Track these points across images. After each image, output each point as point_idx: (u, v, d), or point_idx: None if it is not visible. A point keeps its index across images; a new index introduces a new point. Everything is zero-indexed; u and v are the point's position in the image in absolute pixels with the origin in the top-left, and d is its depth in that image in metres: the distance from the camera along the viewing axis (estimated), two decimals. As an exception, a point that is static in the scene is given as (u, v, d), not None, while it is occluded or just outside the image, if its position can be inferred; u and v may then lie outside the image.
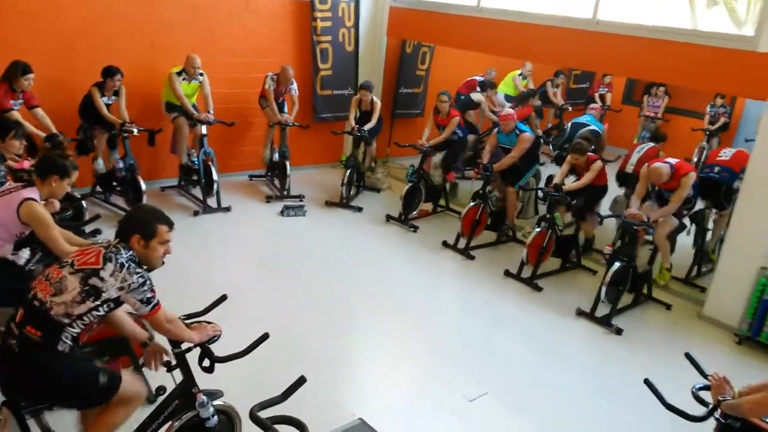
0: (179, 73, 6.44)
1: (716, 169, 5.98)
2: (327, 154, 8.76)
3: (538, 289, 5.70)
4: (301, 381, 2.34)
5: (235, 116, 7.14)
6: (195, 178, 6.75)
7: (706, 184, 5.91)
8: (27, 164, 4.24)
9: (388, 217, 7.08)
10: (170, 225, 2.60)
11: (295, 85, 7.27)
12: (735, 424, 2.66)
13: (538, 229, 5.83)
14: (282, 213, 6.87)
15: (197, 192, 6.82)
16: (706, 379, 2.82)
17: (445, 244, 6.51)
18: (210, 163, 6.60)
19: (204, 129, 6.57)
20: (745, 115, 9.97)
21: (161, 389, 3.36)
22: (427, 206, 7.43)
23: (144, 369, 3.00)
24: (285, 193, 7.30)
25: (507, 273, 5.94)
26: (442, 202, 7.57)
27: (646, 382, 2.80)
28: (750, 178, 5.14)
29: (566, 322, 5.20)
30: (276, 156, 7.42)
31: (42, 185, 3.28)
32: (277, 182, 7.54)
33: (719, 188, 5.90)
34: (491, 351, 4.62)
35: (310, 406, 3.14)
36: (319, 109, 8.26)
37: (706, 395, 2.78)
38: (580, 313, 5.27)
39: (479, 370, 4.33)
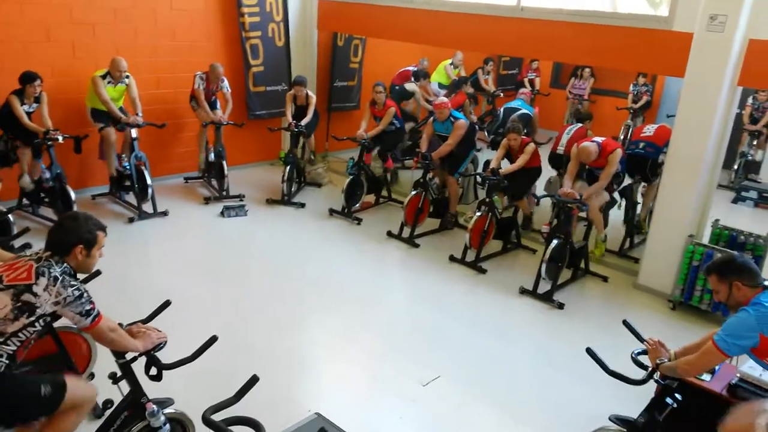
0: (103, 77, 6.19)
1: (641, 144, 6.27)
2: (265, 151, 8.64)
3: (483, 271, 5.83)
4: (253, 380, 2.31)
5: (165, 118, 6.93)
6: (128, 183, 6.52)
7: (633, 160, 6.19)
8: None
9: (332, 211, 7.06)
10: (105, 229, 2.53)
11: (226, 83, 7.12)
12: (673, 384, 2.83)
13: (478, 214, 5.95)
14: (222, 214, 6.74)
15: (131, 198, 6.59)
16: (644, 344, 2.98)
17: (389, 234, 6.56)
18: (143, 168, 6.39)
19: (134, 132, 6.34)
20: (665, 92, 10.49)
21: (108, 402, 3.25)
22: (370, 198, 7.46)
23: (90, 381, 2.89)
24: (224, 193, 7.15)
25: (452, 258, 6.04)
26: (384, 193, 7.61)
27: (588, 351, 2.93)
28: (673, 151, 5.41)
29: (511, 300, 5.34)
30: (212, 156, 7.26)
31: None
32: (214, 183, 7.38)
33: (645, 163, 6.20)
34: (441, 335, 4.70)
35: (265, 404, 3.11)
36: (254, 106, 8.13)
37: (645, 359, 2.94)
38: (524, 291, 5.43)
39: (431, 354, 4.40)
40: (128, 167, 6.41)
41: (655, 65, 5.79)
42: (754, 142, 9.12)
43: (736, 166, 9.25)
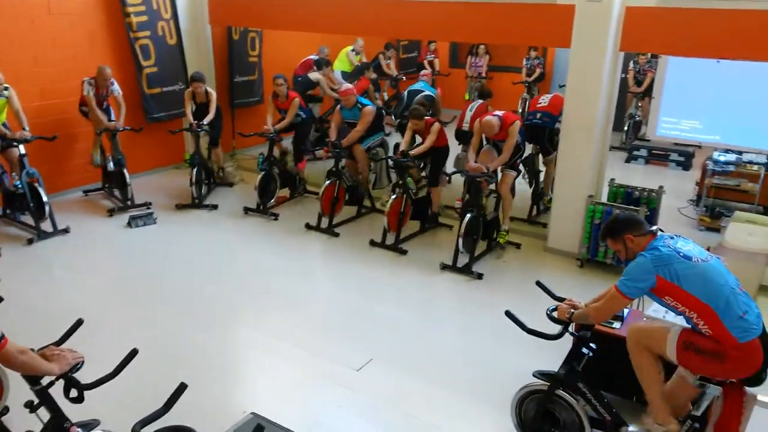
0: (-21, 91, 5.72)
1: (538, 115, 6.59)
2: (168, 155, 8.32)
3: (404, 252, 5.94)
4: (181, 388, 2.26)
5: (55, 130, 6.49)
6: (22, 203, 6.08)
7: (531, 130, 6.50)
8: None
9: (246, 210, 6.93)
10: None
11: (116, 85, 6.75)
12: (587, 335, 3.03)
13: (393, 196, 6.04)
14: (129, 225, 6.44)
15: (28, 218, 6.16)
16: (557, 301, 3.17)
17: (308, 226, 6.53)
18: (36, 185, 5.98)
19: (22, 148, 5.92)
20: (556, 63, 11.04)
21: (28, 435, 3.06)
22: (284, 192, 7.38)
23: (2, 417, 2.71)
24: (129, 203, 6.84)
25: (372, 243, 6.11)
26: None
27: (507, 313, 3.08)
28: (567, 118, 5.72)
29: (433, 277, 5.49)
30: (111, 165, 6.89)
31: None
32: (117, 193, 7.03)
33: (543, 132, 6.52)
34: (369, 319, 4.77)
35: (200, 411, 3.05)
36: (150, 109, 7.79)
37: (561, 315, 3.11)
38: (444, 266, 5.59)
39: (361, 339, 4.46)
40: (20, 185, 5.97)
41: (542, 38, 6.08)
42: (639, 104, 9.79)
43: (626, 128, 9.90)
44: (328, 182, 6.43)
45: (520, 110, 9.92)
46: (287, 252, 6.01)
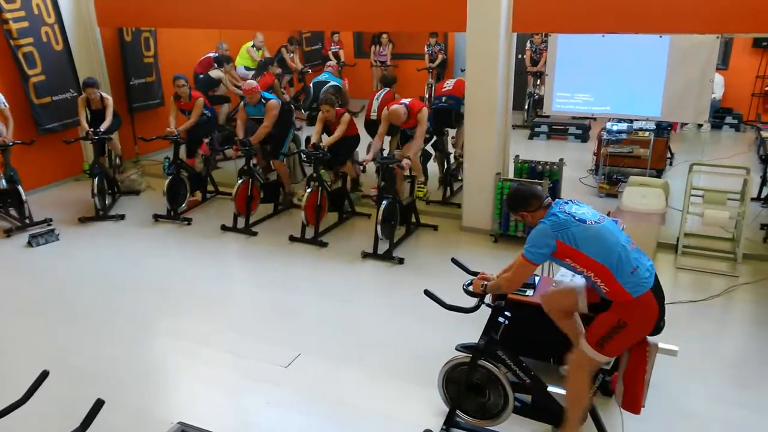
0: None
1: (444, 98, 6.77)
2: (65, 167, 7.86)
3: (324, 245, 5.95)
4: (98, 404, 2.17)
5: (-66, 149, 6.00)
6: None
7: (439, 113, 6.67)
8: None
9: (156, 217, 6.68)
10: None
11: (1, 97, 6.30)
12: (501, 304, 3.17)
13: (309, 190, 6.02)
14: (30, 244, 6.05)
15: None
16: (472, 275, 3.29)
17: (224, 227, 6.39)
18: None
19: None
20: (456, 48, 11.32)
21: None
22: (196, 195, 7.17)
23: None
24: (27, 221, 6.41)
25: (292, 238, 6.07)
26: (210, 187, 7.36)
27: (426, 292, 3.17)
28: (469, 99, 5.90)
29: (355, 266, 5.53)
30: (3, 183, 6.42)
31: None
32: (14, 212, 6.57)
33: (450, 114, 6.70)
34: (294, 314, 4.75)
35: (122, 427, 2.95)
36: (41, 120, 7.31)
37: (477, 289, 3.23)
38: (365, 255, 5.65)
39: (287, 335, 4.44)
40: None
41: (439, 24, 6.22)
42: (537, 82, 10.24)
43: (526, 106, 10.34)
44: (240, 181, 6.31)
45: (427, 95, 10.11)
46: (204, 256, 5.86)
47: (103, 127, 6.66)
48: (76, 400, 2.41)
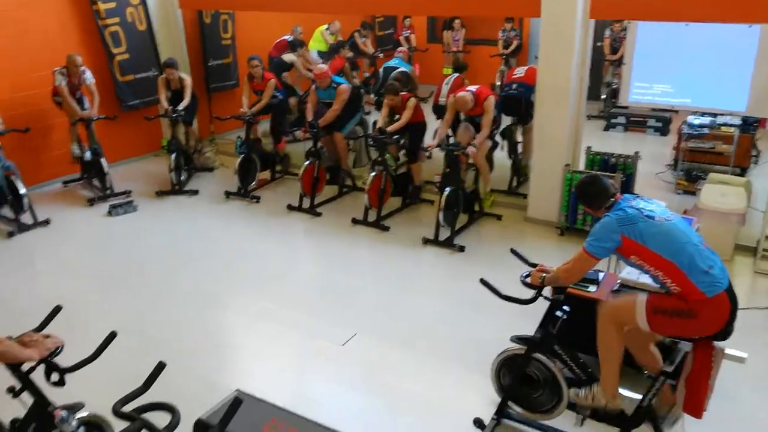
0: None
1: (514, 86, 6.61)
2: (146, 142, 8.25)
3: (385, 228, 5.98)
4: (160, 367, 2.29)
5: (29, 121, 6.43)
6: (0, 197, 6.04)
7: (508, 101, 6.52)
8: None
9: (228, 194, 6.92)
10: None
11: (88, 73, 6.67)
12: (560, 297, 3.10)
13: (373, 174, 6.06)
14: (110, 213, 6.42)
15: (7, 211, 6.12)
16: (531, 267, 3.22)
17: (290, 207, 6.54)
18: (13, 177, 5.93)
19: (-5, 141, 5.86)
20: (532, 34, 11.00)
21: (16, 422, 3.08)
22: (265, 174, 7.37)
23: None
24: (108, 192, 6.80)
25: (354, 221, 6.14)
26: (279, 167, 7.54)
27: (482, 281, 3.14)
28: (540, 86, 5.74)
29: (415, 252, 5.54)
30: (88, 155, 6.83)
31: None
32: (96, 182, 6.98)
33: (519, 102, 6.54)
34: (353, 295, 4.82)
35: (183, 391, 3.09)
36: (125, 96, 7.71)
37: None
38: (426, 241, 5.64)
39: (345, 315, 4.51)
40: (-4, 179, 5.93)
41: (513, 8, 6.07)
42: (616, 72, 9.82)
43: (603, 96, 9.95)
44: (307, 163, 6.43)
45: (498, 83, 9.90)
46: (270, 234, 6.03)
47: (181, 107, 6.93)
48: (141, 362, 2.55)
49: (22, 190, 5.95)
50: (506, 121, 6.71)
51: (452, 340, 4.19)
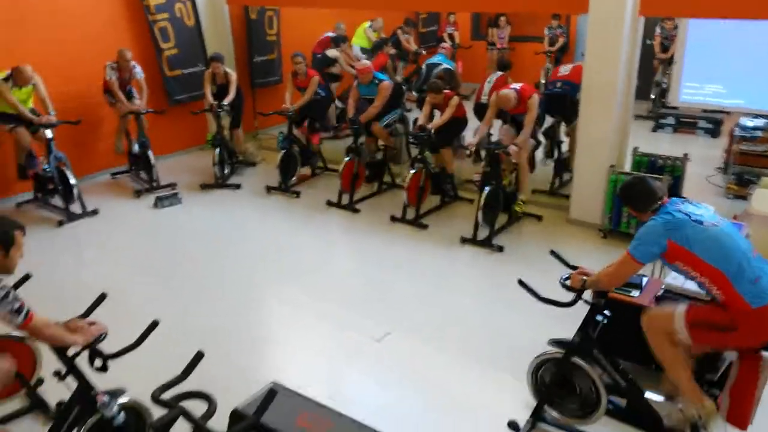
0: (6, 79, 5.87)
1: (558, 84, 6.49)
2: (192, 136, 8.43)
3: (424, 226, 5.96)
4: (198, 356, 2.34)
5: (79, 114, 6.64)
6: (51, 186, 6.27)
7: (552, 99, 6.40)
8: None
9: (269, 188, 7.02)
10: (24, 229, 2.48)
11: (138, 68, 6.87)
12: (601, 302, 3.02)
13: (413, 171, 6.04)
14: (156, 205, 6.59)
15: (58, 201, 6.36)
16: (571, 270, 3.16)
17: (329, 203, 6.59)
18: (64, 168, 6.15)
19: (49, 133, 6.07)
20: (579, 32, 10.79)
21: (61, 404, 3.20)
22: (306, 170, 7.44)
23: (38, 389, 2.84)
24: (155, 184, 6.98)
25: (393, 218, 6.14)
26: (320, 164, 7.61)
27: (520, 282, 3.09)
28: (586, 84, 5.60)
29: (453, 251, 5.50)
30: (136, 147, 7.03)
31: None
32: (143, 175, 7.18)
33: (564, 101, 6.41)
34: (389, 292, 4.82)
35: (220, 381, 3.15)
36: (173, 91, 7.90)
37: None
38: (464, 240, 5.60)
39: (381, 311, 4.52)
40: (49, 169, 6.15)
41: (560, 5, 5.95)
42: (667, 71, 9.53)
43: (653, 96, 9.67)
44: (347, 159, 6.46)
45: (543, 81, 9.74)
46: (308, 228, 6.09)
47: (226, 101, 7.06)
48: (181, 351, 2.61)
49: (73, 181, 6.17)
50: (547, 122, 6.60)
51: (488, 341, 4.14)
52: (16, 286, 2.92)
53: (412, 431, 3.21)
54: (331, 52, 8.67)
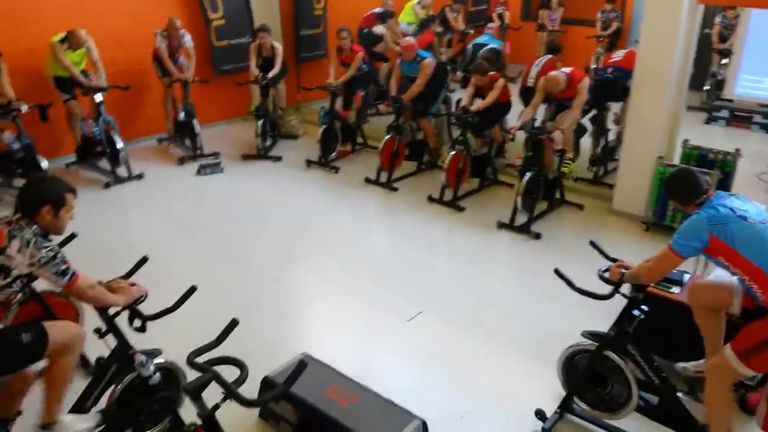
0: (62, 41, 6.03)
1: (609, 70, 6.28)
2: (236, 107, 8.53)
3: (461, 209, 5.92)
4: (233, 323, 2.38)
5: (128, 79, 6.77)
6: (99, 149, 6.45)
7: (602, 85, 6.21)
8: None
9: (309, 162, 7.06)
10: (75, 192, 2.56)
11: (187, 37, 6.96)
12: (639, 296, 2.96)
13: (452, 153, 5.98)
14: (198, 173, 6.72)
15: (105, 164, 6.54)
16: (610, 261, 3.09)
17: (367, 180, 6.59)
18: (112, 132, 6.31)
19: (99, 97, 6.23)
20: (634, 17, 10.40)
21: (101, 360, 3.33)
22: (346, 146, 7.45)
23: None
24: (198, 152, 7.11)
25: (430, 198, 6.11)
26: (359, 140, 7.60)
27: (556, 271, 3.04)
28: (639, 71, 5.41)
29: (489, 235, 5.45)
30: (182, 115, 7.16)
31: None
32: (188, 142, 7.31)
33: (615, 87, 6.21)
34: (422, 272, 4.82)
35: (252, 349, 3.21)
36: (219, 61, 7.98)
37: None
38: (501, 225, 5.53)
39: (413, 291, 4.52)
40: (97, 132, 6.32)
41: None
42: (723, 62, 9.13)
43: (707, 87, 9.30)
44: (387, 137, 6.43)
45: (593, 66, 9.45)
46: (346, 204, 6.12)
47: (271, 74, 7.10)
48: (216, 317, 2.66)
49: (120, 145, 6.33)
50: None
51: (520, 327, 4.11)
52: (63, 244, 3.03)
53: (438, 412, 3.22)
54: (378, 29, 8.58)
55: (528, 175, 5.40)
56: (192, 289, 2.68)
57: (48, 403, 2.51)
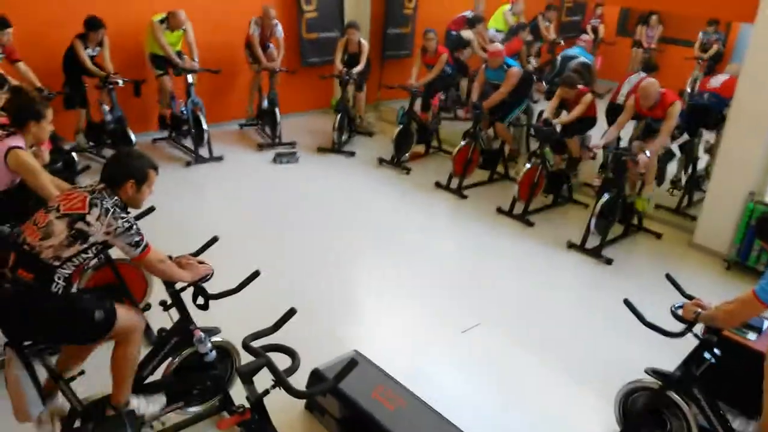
0: (162, 21, 6.33)
1: (706, 95, 5.96)
2: (317, 99, 8.68)
3: (530, 224, 5.77)
4: (291, 312, 2.42)
5: (220, 64, 7.02)
6: (185, 128, 6.73)
7: (696, 111, 5.90)
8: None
9: (381, 161, 7.09)
10: (157, 169, 2.66)
11: (279, 28, 7.15)
12: (713, 339, 2.78)
13: (528, 166, 5.84)
14: (274, 160, 6.88)
15: (189, 143, 6.81)
16: (686, 298, 2.92)
17: (437, 184, 6.55)
18: (198, 113, 6.57)
19: (191, 78, 6.50)
20: (739, 41, 9.82)
21: (162, 331, 3.46)
22: (419, 148, 7.43)
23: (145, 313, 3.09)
24: (277, 140, 7.28)
25: (499, 210, 6.00)
26: (434, 143, 7.57)
27: (626, 302, 2.91)
28: (738, 102, 5.11)
29: (557, 254, 5.29)
30: (265, 103, 7.36)
31: (24, 134, 3.28)
32: (268, 130, 7.50)
33: (709, 114, 5.88)
34: (484, 284, 4.74)
35: (305, 340, 3.24)
36: (306, 53, 8.14)
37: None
38: (571, 245, 5.36)
39: (472, 302, 4.45)
40: (185, 112, 6.60)
41: (723, 9, 5.43)
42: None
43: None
44: (463, 143, 6.36)
45: (689, 90, 9.00)
46: (413, 206, 6.10)
47: (355, 71, 7.17)
48: (275, 304, 2.71)
49: (205, 126, 6.58)
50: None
51: (579, 353, 3.96)
52: (141, 216, 3.16)
53: (482, 428, 3.15)
54: (466, 33, 8.50)
55: (606, 196, 5.19)
56: (255, 274, 2.74)
57: (115, 387, 2.62)
